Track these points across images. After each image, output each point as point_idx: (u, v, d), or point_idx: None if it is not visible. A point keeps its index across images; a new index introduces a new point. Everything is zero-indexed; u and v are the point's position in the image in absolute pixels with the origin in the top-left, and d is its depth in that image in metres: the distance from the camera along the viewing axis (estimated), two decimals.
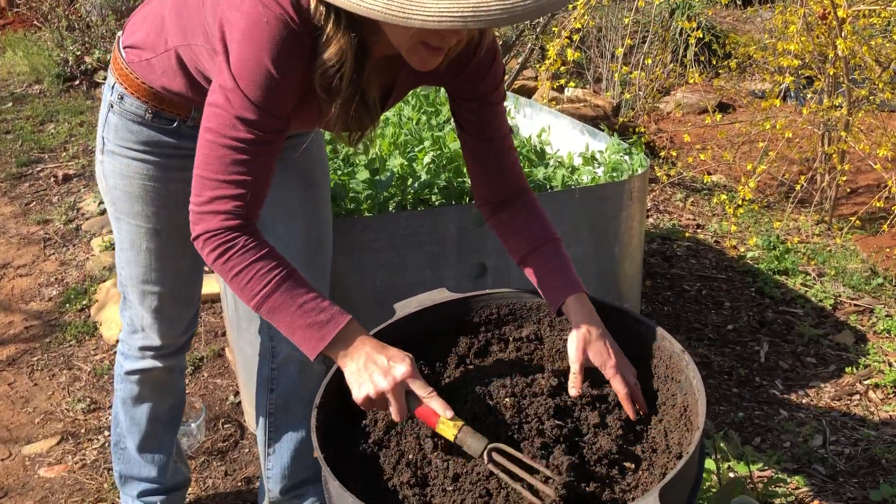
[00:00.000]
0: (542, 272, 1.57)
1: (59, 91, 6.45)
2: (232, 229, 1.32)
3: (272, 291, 1.33)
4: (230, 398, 2.82)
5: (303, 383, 1.94)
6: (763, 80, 5.90)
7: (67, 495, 2.41)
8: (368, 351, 1.35)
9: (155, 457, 2.01)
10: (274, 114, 1.31)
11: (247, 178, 1.32)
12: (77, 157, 5.10)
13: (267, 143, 1.33)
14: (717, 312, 3.31)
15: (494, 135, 1.56)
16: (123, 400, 1.96)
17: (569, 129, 3.04)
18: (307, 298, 1.35)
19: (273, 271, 1.33)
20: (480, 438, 1.34)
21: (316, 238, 1.87)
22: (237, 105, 1.29)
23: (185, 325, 1.90)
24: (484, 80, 1.51)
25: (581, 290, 1.54)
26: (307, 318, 1.34)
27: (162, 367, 1.91)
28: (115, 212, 1.76)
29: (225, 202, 1.32)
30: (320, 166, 1.90)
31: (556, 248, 1.59)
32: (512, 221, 1.61)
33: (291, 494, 2.07)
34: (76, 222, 4.24)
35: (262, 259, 1.33)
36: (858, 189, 4.83)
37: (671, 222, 4.20)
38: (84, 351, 3.15)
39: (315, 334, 1.34)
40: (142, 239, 1.75)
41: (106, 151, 1.72)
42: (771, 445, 2.51)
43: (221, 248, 1.33)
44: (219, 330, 3.25)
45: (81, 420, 2.75)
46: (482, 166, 1.59)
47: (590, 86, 6.38)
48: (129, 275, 1.81)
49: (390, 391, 1.33)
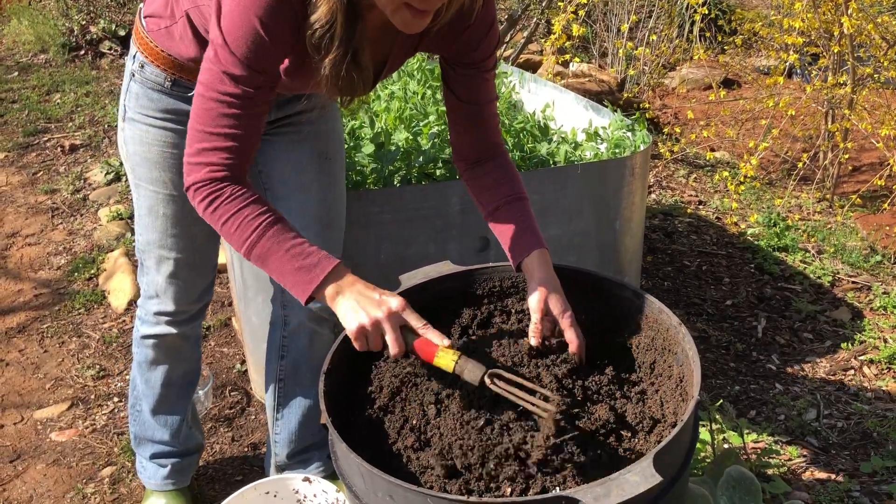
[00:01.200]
0: (507, 228, 1.64)
1: (64, 61, 6.45)
2: (219, 180, 1.38)
3: (259, 237, 1.38)
4: (237, 366, 2.88)
5: (312, 351, 1.99)
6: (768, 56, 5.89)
7: (79, 458, 2.47)
8: (360, 288, 1.39)
9: (168, 420, 2.07)
10: (260, 71, 1.35)
11: (234, 131, 1.36)
12: (83, 127, 5.13)
13: (254, 99, 1.37)
14: (717, 288, 3.36)
15: (481, 99, 1.62)
16: (139, 364, 2.02)
17: (573, 105, 3.06)
18: (294, 243, 1.39)
19: (259, 217, 1.38)
20: (478, 365, 1.38)
21: (330, 211, 1.91)
22: (225, 60, 1.33)
23: (199, 293, 1.95)
24: (478, 49, 1.55)
25: (542, 246, 1.61)
26: (295, 261, 1.38)
27: (176, 333, 1.96)
28: (135, 178, 1.81)
29: (213, 154, 1.37)
30: (335, 140, 1.93)
31: (522, 206, 1.66)
32: (484, 178, 1.67)
33: (297, 459, 2.13)
34: (83, 192, 4.28)
35: (248, 206, 1.38)
36: (861, 167, 4.85)
37: (673, 198, 4.23)
38: (93, 319, 3.20)
39: (304, 277, 1.38)
40: (159, 205, 1.80)
41: (127, 119, 1.77)
42: (765, 418, 2.56)
43: (210, 198, 1.38)
44: (225, 300, 3.30)
45: (91, 386, 2.81)
46: (464, 127, 1.65)
47: (595, 60, 6.38)
48: (147, 240, 1.86)
49: (385, 319, 1.36)
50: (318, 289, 1.38)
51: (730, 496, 1.95)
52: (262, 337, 2.50)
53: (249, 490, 1.87)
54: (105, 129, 5.07)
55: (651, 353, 1.68)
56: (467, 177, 1.70)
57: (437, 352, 1.40)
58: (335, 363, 1.58)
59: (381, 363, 1.64)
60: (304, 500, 1.91)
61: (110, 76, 6.10)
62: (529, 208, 1.67)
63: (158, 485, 2.13)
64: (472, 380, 1.39)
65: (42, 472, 2.42)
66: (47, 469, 2.43)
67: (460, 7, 1.40)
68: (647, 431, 1.53)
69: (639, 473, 1.26)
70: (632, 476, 1.26)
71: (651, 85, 5.96)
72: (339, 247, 1.98)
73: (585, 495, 1.23)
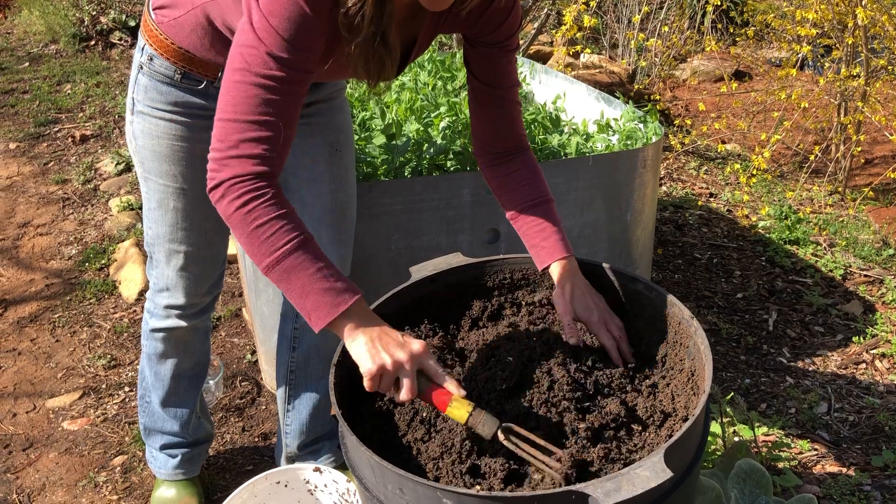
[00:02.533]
0: (533, 232, 1.65)
1: (75, 51, 6.46)
2: (262, 176, 1.28)
3: (292, 251, 1.29)
4: (247, 357, 2.89)
5: (324, 343, 1.99)
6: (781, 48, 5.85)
7: (90, 447, 2.48)
8: (384, 327, 1.34)
9: (177, 412, 2.08)
10: (305, 49, 1.29)
11: (277, 119, 1.28)
12: (94, 117, 5.14)
13: (297, 83, 1.31)
14: (728, 281, 3.35)
15: (503, 82, 1.61)
16: (149, 356, 2.02)
17: (584, 96, 3.05)
18: (325, 264, 1.32)
19: (295, 231, 1.30)
20: (492, 419, 1.35)
21: (341, 202, 1.91)
22: (269, 42, 1.26)
23: (209, 286, 1.95)
24: (500, 28, 1.55)
25: (569, 253, 1.63)
26: (325, 282, 1.30)
27: (186, 326, 1.96)
28: (144, 171, 1.80)
29: (255, 145, 1.28)
30: (345, 131, 1.93)
31: (548, 209, 1.66)
32: (509, 176, 1.67)
33: (308, 450, 2.14)
34: (94, 182, 4.29)
35: (286, 217, 1.30)
36: (874, 160, 4.81)
37: (684, 191, 4.22)
38: (104, 309, 3.22)
39: (331, 300, 1.30)
40: (169, 198, 1.79)
41: (136, 112, 1.75)
42: (776, 411, 2.55)
43: (248, 196, 1.28)
44: (235, 290, 3.31)
45: (102, 376, 2.82)
46: (487, 113, 1.64)
47: (606, 52, 6.35)
48: (156, 234, 1.85)
49: (407, 362, 1.31)
50: (342, 315, 1.31)
51: (740, 489, 1.94)
52: (272, 327, 2.51)
53: (260, 480, 1.88)
54: (115, 120, 5.08)
55: (663, 346, 1.67)
56: (490, 173, 1.70)
57: (450, 401, 1.35)
58: (345, 355, 1.58)
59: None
60: (315, 490, 1.91)
61: (120, 66, 6.11)
62: (555, 212, 1.67)
63: (169, 474, 2.14)
64: (485, 434, 1.35)
65: (54, 460, 2.44)
66: (59, 457, 2.44)
67: None
68: (657, 425, 1.53)
69: (649, 468, 1.26)
70: (642, 471, 1.25)
71: (662, 76, 5.93)
72: (349, 238, 1.98)
73: (596, 490, 1.23)
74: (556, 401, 1.48)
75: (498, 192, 1.70)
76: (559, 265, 1.63)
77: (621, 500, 1.20)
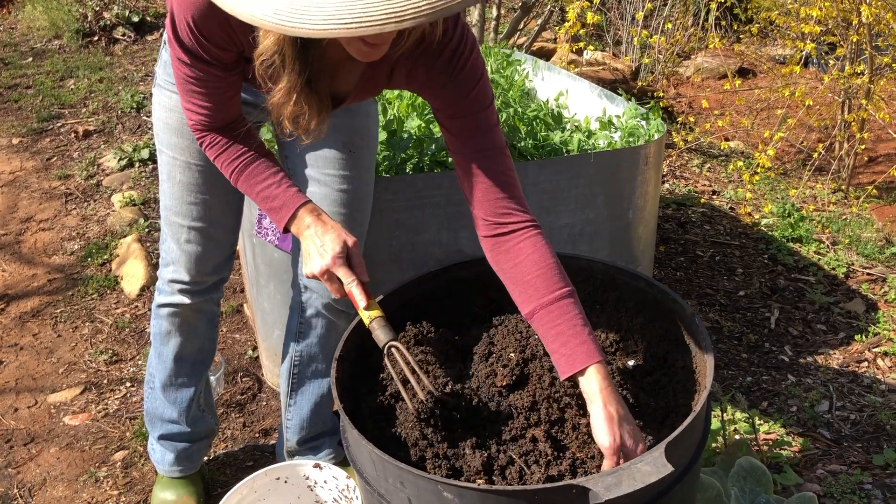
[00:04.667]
0: (554, 335, 1.41)
1: (78, 47, 6.46)
2: (203, 129, 1.58)
3: (236, 180, 1.60)
4: (248, 353, 2.89)
5: (328, 339, 1.99)
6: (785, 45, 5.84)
7: (92, 442, 2.49)
8: (311, 234, 1.53)
9: (177, 397, 2.07)
10: (205, 62, 1.45)
11: (204, 103, 1.53)
12: (97, 113, 5.14)
13: (213, 79, 1.48)
14: (730, 279, 3.34)
15: (488, 147, 1.48)
16: (155, 335, 2.03)
17: (587, 93, 3.04)
18: (262, 187, 1.57)
19: (233, 164, 1.58)
20: (387, 333, 1.49)
21: (350, 203, 1.88)
22: (173, 47, 1.45)
23: (214, 266, 1.95)
24: (468, 97, 1.46)
25: (600, 359, 1.38)
26: (265, 204, 1.57)
27: (189, 304, 1.96)
28: (158, 143, 1.86)
29: (192, 113, 1.55)
30: (361, 132, 1.89)
31: (569, 306, 1.42)
32: (517, 267, 1.46)
33: (308, 445, 2.14)
34: (97, 178, 4.29)
35: (223, 153, 1.58)
36: (877, 158, 4.80)
37: (687, 188, 4.21)
38: (105, 304, 3.22)
39: (275, 217, 1.57)
40: (176, 171, 1.83)
41: (156, 85, 1.82)
42: (777, 409, 2.55)
43: (199, 141, 1.60)
44: (237, 286, 3.31)
45: (104, 371, 2.83)
46: (479, 185, 1.47)
47: (609, 49, 6.34)
48: (164, 205, 1.90)
49: (321, 275, 1.52)
50: (287, 229, 1.57)
51: (741, 487, 1.94)
52: (273, 323, 2.51)
53: (260, 476, 1.88)
54: (118, 115, 5.08)
55: (664, 343, 1.67)
56: (496, 261, 1.50)
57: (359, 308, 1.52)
58: (347, 350, 1.58)
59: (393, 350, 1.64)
60: (315, 486, 1.91)
61: (123, 62, 6.11)
62: (577, 305, 1.43)
63: (167, 470, 2.14)
64: (378, 341, 1.51)
65: (55, 455, 2.44)
66: (60, 452, 2.45)
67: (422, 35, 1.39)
68: (659, 422, 1.53)
69: (650, 463, 1.26)
70: (643, 466, 1.26)
71: (665, 74, 5.92)
72: (361, 234, 1.96)
73: (596, 484, 1.23)
74: (557, 396, 1.48)
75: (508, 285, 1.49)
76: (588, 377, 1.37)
77: (622, 494, 1.20)
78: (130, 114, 5.08)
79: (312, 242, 1.53)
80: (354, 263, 1.54)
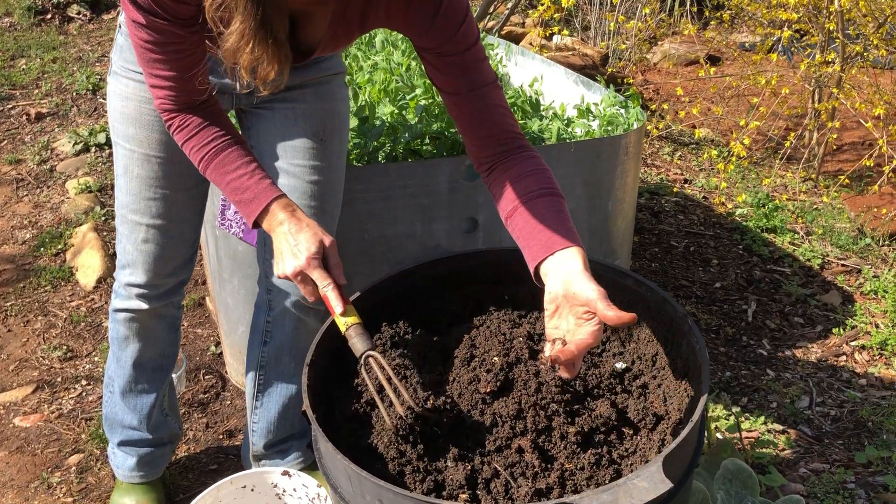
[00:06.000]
0: (533, 224, 1.38)
1: (30, 25, 6.21)
2: (169, 110, 1.45)
3: (204, 170, 1.47)
4: (211, 349, 2.76)
5: (297, 339, 1.89)
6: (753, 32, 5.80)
7: (44, 445, 2.35)
8: (283, 231, 1.42)
9: (137, 403, 1.95)
10: (162, 17, 1.31)
11: (166, 72, 1.39)
12: (50, 94, 4.93)
13: (174, 40, 1.35)
14: (705, 270, 3.29)
15: (476, 83, 1.43)
16: (112, 339, 1.91)
17: (562, 79, 2.95)
18: (233, 177, 1.45)
19: (203, 149, 1.45)
20: (364, 342, 1.39)
21: (320, 196, 1.78)
22: (129, 10, 1.32)
23: (174, 267, 1.83)
24: (454, 38, 1.39)
25: (579, 244, 1.35)
26: (234, 195, 1.45)
27: (147, 309, 1.83)
28: (114, 135, 1.74)
29: (157, 90, 1.43)
30: (332, 120, 1.79)
31: (554, 202, 1.41)
32: (508, 172, 1.44)
33: (275, 449, 2.03)
34: (50, 163, 4.11)
35: (193, 137, 1.46)
36: (843, 146, 4.80)
37: (659, 176, 4.15)
38: (60, 297, 3.07)
39: (244, 210, 1.46)
40: (133, 164, 1.71)
41: (112, 73, 1.71)
42: (757, 406, 2.50)
43: (167, 124, 1.48)
44: (199, 278, 3.18)
45: (57, 368, 2.68)
46: (472, 120, 1.44)
47: (577, 34, 6.26)
48: (121, 203, 1.77)
49: (294, 277, 1.40)
50: (256, 223, 1.45)
51: (727, 490, 1.88)
52: (237, 319, 2.39)
53: (225, 484, 1.77)
54: (73, 97, 4.88)
55: (653, 344, 1.59)
56: (490, 181, 1.47)
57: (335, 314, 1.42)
58: (319, 353, 1.48)
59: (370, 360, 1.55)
60: (284, 494, 1.81)
61: (78, 42, 5.89)
62: (566, 207, 1.42)
63: (126, 476, 2.02)
64: (355, 351, 1.40)
65: (4, 459, 2.30)
66: (10, 457, 2.31)
67: None
68: (649, 429, 1.45)
69: (647, 479, 1.18)
70: (640, 482, 1.18)
71: (634, 60, 5.86)
72: (332, 232, 1.86)
73: (591, 502, 1.15)
74: (544, 403, 1.39)
75: (497, 198, 1.46)
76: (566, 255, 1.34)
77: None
78: (86, 96, 4.88)
79: (286, 241, 1.40)
80: (331, 265, 1.42)
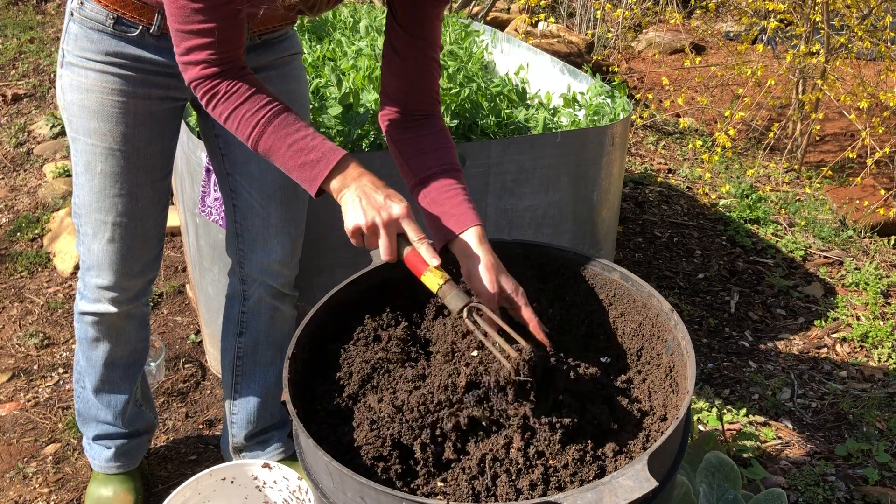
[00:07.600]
0: (441, 199, 1.46)
1: (6, 4, 6.10)
2: (212, 77, 1.35)
3: (259, 135, 1.36)
4: (191, 337, 2.73)
5: (273, 329, 1.86)
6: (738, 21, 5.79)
7: (20, 434, 2.32)
8: (366, 183, 1.33)
9: (111, 400, 1.92)
10: None
11: (210, 25, 1.31)
12: (27, 75, 4.85)
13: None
14: (688, 261, 3.29)
15: (426, 35, 1.46)
16: (80, 339, 1.86)
17: (548, 68, 2.93)
18: (297, 138, 1.35)
19: (258, 114, 1.35)
20: (462, 295, 1.32)
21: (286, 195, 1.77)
22: None
23: (142, 266, 1.78)
24: None
25: (480, 223, 1.45)
26: (298, 158, 1.34)
27: (117, 312, 1.79)
28: (72, 131, 1.65)
29: (198, 52, 1.33)
30: (297, 102, 1.78)
31: (458, 177, 1.49)
32: (422, 141, 1.50)
33: (255, 440, 2.01)
34: (27, 146, 4.04)
35: (245, 102, 1.35)
36: (825, 137, 4.81)
37: (643, 166, 4.14)
38: (36, 283, 3.02)
39: (309, 174, 1.34)
40: (97, 160, 1.64)
41: (65, 64, 1.62)
42: (739, 397, 2.50)
43: (207, 96, 1.36)
44: (179, 265, 3.14)
45: (34, 356, 2.64)
46: (404, 67, 1.47)
47: (563, 21, 6.23)
48: (83, 202, 1.69)
49: (383, 226, 1.31)
50: (322, 185, 1.35)
51: (709, 483, 1.88)
52: (217, 308, 2.35)
53: (204, 476, 1.74)
54: (51, 79, 4.80)
55: (638, 339, 1.58)
56: (399, 138, 1.52)
57: (425, 270, 1.33)
58: (300, 346, 1.46)
59: (350, 347, 1.53)
60: (264, 486, 1.79)
61: (56, 22, 5.78)
62: (464, 182, 1.51)
63: (103, 467, 1.99)
64: (452, 308, 1.33)
65: None
66: None
67: None
68: (634, 425, 1.44)
69: (632, 477, 1.17)
70: (625, 480, 1.16)
71: (619, 48, 5.84)
72: (301, 218, 1.84)
73: (575, 501, 1.14)
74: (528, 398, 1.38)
75: (405, 160, 1.51)
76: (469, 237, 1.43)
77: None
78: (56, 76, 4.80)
79: (366, 195, 1.31)
80: None
